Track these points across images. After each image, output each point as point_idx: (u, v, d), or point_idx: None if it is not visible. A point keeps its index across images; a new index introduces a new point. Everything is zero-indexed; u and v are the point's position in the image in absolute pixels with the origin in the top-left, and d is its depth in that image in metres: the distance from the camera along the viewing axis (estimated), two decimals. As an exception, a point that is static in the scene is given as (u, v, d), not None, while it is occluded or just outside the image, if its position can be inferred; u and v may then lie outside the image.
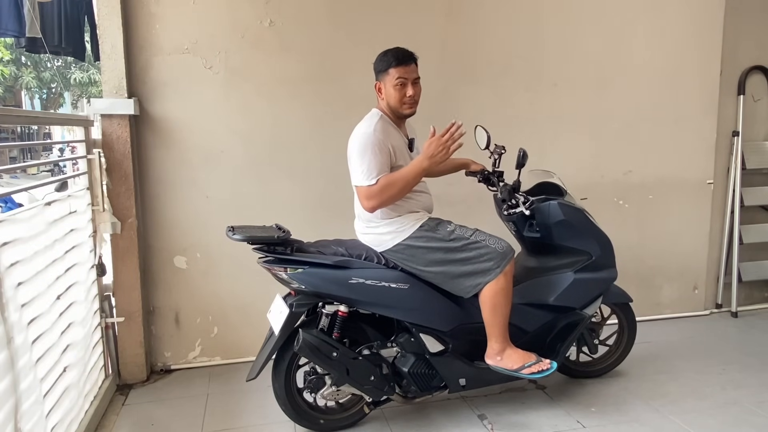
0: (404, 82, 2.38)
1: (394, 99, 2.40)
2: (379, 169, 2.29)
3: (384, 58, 2.42)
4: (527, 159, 2.54)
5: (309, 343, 2.32)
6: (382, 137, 2.34)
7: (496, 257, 2.38)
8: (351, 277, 2.35)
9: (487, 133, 2.59)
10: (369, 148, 2.30)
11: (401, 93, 2.39)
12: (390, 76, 2.39)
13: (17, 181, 11.42)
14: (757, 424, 2.55)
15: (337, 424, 2.56)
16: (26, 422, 1.81)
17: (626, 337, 2.99)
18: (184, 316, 3.24)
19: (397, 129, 2.48)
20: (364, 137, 2.33)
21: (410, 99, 2.40)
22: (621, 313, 2.97)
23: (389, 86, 2.40)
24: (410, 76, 2.39)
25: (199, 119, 3.14)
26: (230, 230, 2.32)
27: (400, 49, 2.43)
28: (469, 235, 2.42)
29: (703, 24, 3.75)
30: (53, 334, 2.18)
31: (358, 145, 2.34)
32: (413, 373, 2.46)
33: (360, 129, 2.40)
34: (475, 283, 2.39)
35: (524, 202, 2.54)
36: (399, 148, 2.42)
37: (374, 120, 2.39)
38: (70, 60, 16.97)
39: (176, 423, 2.67)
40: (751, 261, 4.06)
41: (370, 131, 2.34)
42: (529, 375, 2.43)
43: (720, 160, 3.94)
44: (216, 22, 3.10)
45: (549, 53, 3.56)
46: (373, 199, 2.30)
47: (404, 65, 2.38)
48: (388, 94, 2.42)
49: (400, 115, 2.46)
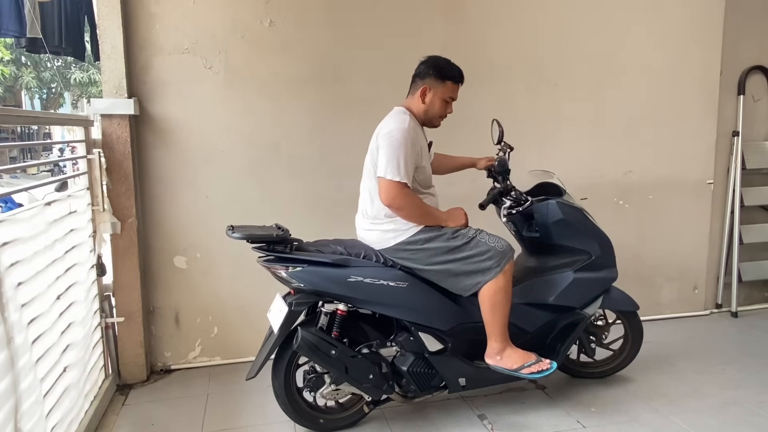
0: (452, 100, 2.49)
1: (436, 110, 2.48)
2: (409, 167, 2.31)
3: (446, 68, 2.46)
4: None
5: (308, 341, 2.33)
6: (415, 135, 2.38)
7: (496, 256, 2.38)
8: (350, 275, 2.35)
9: (500, 128, 2.64)
10: (404, 143, 2.31)
11: (445, 108, 2.49)
12: (446, 88, 2.45)
13: (17, 181, 11.42)
14: (757, 424, 2.55)
15: (337, 424, 2.56)
16: (26, 422, 1.81)
17: (630, 345, 2.95)
18: (184, 316, 3.24)
19: (423, 131, 2.53)
20: (401, 132, 2.32)
21: (445, 115, 2.52)
22: (626, 320, 2.92)
23: (438, 97, 2.46)
24: (457, 98, 2.51)
25: (200, 119, 3.14)
26: (230, 229, 2.32)
27: (458, 66, 2.50)
28: (471, 234, 2.43)
29: (703, 24, 3.75)
30: (53, 334, 2.18)
31: (395, 139, 2.31)
32: (412, 372, 2.46)
33: (395, 124, 2.37)
34: (474, 282, 2.39)
35: (515, 202, 2.56)
36: (423, 149, 2.47)
37: (407, 118, 2.40)
38: (70, 60, 16.96)
39: (176, 423, 2.67)
40: (751, 261, 4.06)
41: (405, 127, 2.35)
42: (528, 375, 2.43)
43: (720, 160, 3.94)
44: (216, 22, 3.10)
45: (549, 53, 3.56)
46: (397, 199, 2.30)
47: (460, 84, 2.50)
48: (432, 102, 2.46)
49: (429, 124, 2.53)
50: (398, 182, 2.28)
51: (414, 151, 2.34)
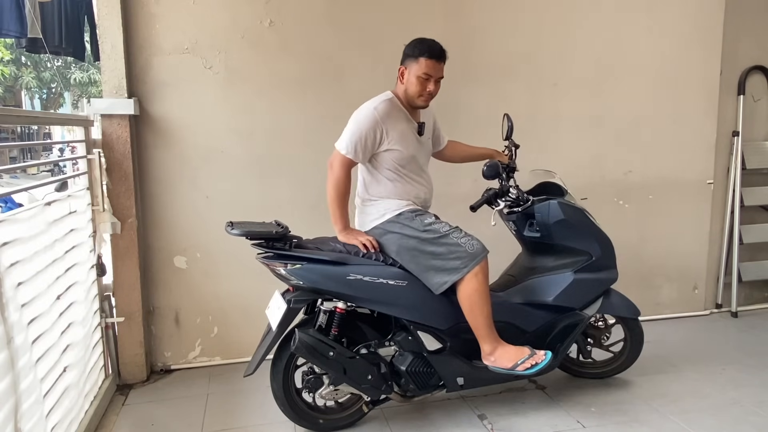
0: (429, 77, 2.40)
1: (413, 89, 2.43)
2: (356, 146, 2.39)
3: (418, 46, 2.41)
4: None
5: (305, 342, 2.32)
6: (379, 118, 2.39)
7: (464, 257, 2.36)
8: (349, 273, 2.35)
9: (510, 123, 2.63)
10: (363, 122, 2.40)
11: (422, 87, 2.42)
12: (418, 65, 2.40)
13: (17, 181, 11.42)
14: (757, 424, 2.55)
15: (337, 424, 2.56)
16: (26, 422, 1.81)
17: (629, 350, 2.92)
18: (184, 316, 3.24)
19: (407, 114, 2.50)
20: (365, 111, 2.42)
21: (428, 94, 2.44)
22: (625, 326, 2.89)
23: (413, 75, 2.42)
24: (436, 74, 2.41)
25: (199, 119, 3.14)
26: (229, 225, 2.32)
27: (436, 43, 2.41)
28: (444, 230, 2.41)
29: (703, 24, 3.75)
30: (53, 334, 2.18)
31: (356, 116, 2.43)
32: (411, 372, 2.46)
33: (367, 103, 2.46)
34: (442, 281, 2.38)
35: (515, 202, 2.57)
36: (402, 132, 2.45)
37: (381, 99, 2.44)
38: (70, 60, 16.95)
39: (176, 423, 2.67)
40: (751, 261, 4.06)
41: (371, 108, 2.41)
42: (524, 371, 2.41)
43: (720, 160, 3.94)
44: (216, 22, 3.10)
45: (549, 53, 3.56)
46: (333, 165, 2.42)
47: (435, 60, 2.39)
48: (409, 82, 2.44)
49: (412, 105, 2.50)
50: (338, 152, 2.42)
51: (374, 130, 2.38)
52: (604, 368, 2.98)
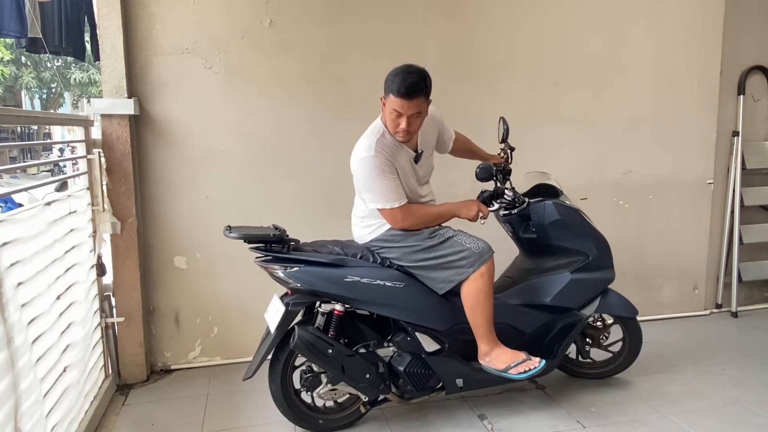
0: (399, 114, 2.27)
1: (389, 124, 2.34)
2: (396, 191, 2.31)
3: (392, 81, 2.25)
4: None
5: (304, 339, 2.33)
6: (383, 158, 2.30)
7: (470, 256, 2.36)
8: (347, 275, 2.35)
9: (505, 127, 2.62)
10: (376, 174, 2.28)
11: (395, 123, 2.30)
12: (390, 101, 2.28)
13: (17, 181, 11.41)
14: (757, 424, 2.55)
15: (336, 424, 2.56)
16: (26, 422, 1.81)
17: (628, 349, 2.92)
18: (184, 316, 3.24)
19: (401, 145, 2.38)
20: (367, 163, 2.29)
21: (402, 131, 2.29)
22: (623, 325, 2.89)
23: (388, 109, 2.30)
24: (406, 111, 2.24)
25: (199, 119, 3.14)
26: (227, 229, 2.32)
27: (407, 80, 2.22)
28: (448, 234, 2.41)
29: (703, 24, 3.75)
30: (53, 334, 2.18)
31: (364, 173, 2.31)
32: (409, 373, 2.46)
33: (360, 152, 2.33)
34: (448, 280, 2.39)
35: (511, 203, 2.57)
36: (401, 166, 2.38)
37: (374, 139, 2.32)
38: (70, 60, 16.94)
39: (176, 423, 2.67)
40: (751, 261, 4.06)
41: (371, 155, 2.28)
42: (516, 375, 2.40)
43: (720, 160, 3.94)
44: (216, 22, 3.10)
45: (549, 53, 3.56)
46: (405, 221, 2.35)
47: (404, 99, 2.22)
48: (386, 115, 2.35)
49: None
50: (392, 209, 2.31)
51: (391, 171, 2.31)
52: (604, 368, 2.98)
